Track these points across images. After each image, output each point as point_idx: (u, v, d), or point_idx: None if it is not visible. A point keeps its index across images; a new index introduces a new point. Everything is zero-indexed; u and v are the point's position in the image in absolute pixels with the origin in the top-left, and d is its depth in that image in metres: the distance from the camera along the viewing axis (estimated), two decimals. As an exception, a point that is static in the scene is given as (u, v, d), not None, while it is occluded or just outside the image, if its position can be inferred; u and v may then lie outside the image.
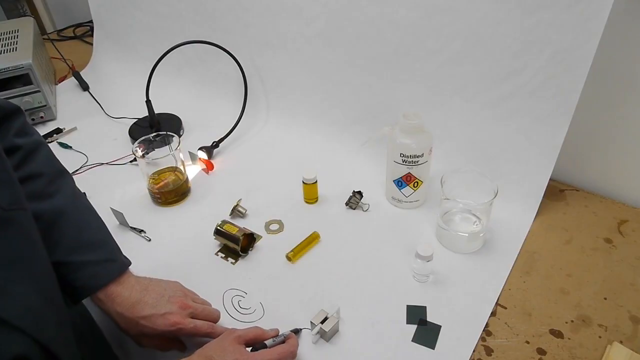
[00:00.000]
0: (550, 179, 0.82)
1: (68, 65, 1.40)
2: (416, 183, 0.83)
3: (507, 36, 0.76)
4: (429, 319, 0.68)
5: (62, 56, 1.42)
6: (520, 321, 0.68)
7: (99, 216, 0.69)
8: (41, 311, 0.50)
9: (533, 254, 0.78)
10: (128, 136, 1.09)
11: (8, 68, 1.08)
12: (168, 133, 0.92)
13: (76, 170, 1.01)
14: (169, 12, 1.18)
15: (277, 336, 0.64)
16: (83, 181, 0.97)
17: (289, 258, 0.78)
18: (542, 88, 0.76)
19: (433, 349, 0.65)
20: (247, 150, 1.05)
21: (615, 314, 0.69)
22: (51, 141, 1.10)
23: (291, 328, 0.67)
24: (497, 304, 0.71)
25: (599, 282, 0.73)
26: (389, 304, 0.71)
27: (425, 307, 0.70)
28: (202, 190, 0.95)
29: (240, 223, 0.83)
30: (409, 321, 0.69)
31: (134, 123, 1.12)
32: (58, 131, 1.12)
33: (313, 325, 0.66)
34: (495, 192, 0.73)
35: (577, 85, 0.73)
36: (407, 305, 0.70)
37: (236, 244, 0.78)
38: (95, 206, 0.71)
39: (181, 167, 0.92)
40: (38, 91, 1.12)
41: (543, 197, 0.83)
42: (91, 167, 1.02)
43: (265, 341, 0.62)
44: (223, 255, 0.80)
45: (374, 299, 0.72)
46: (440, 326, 0.68)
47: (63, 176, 0.68)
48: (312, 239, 0.81)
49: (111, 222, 0.86)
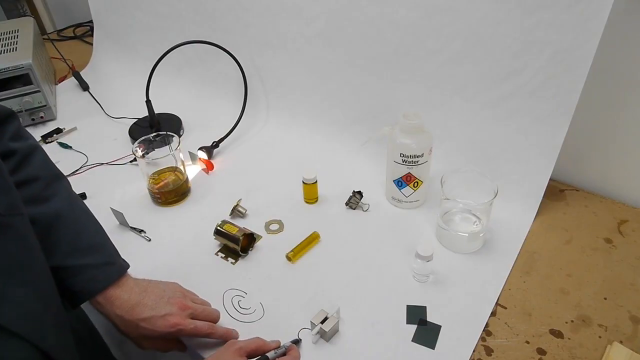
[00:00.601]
0: (550, 179, 0.82)
1: (68, 65, 1.40)
2: (416, 183, 0.83)
3: (507, 36, 0.76)
4: (429, 319, 0.68)
5: (62, 56, 1.42)
6: (520, 321, 0.68)
7: (96, 219, 0.68)
8: (40, 317, 0.49)
9: (533, 254, 0.78)
10: (128, 136, 1.09)
11: (8, 68, 1.08)
12: (168, 133, 0.92)
13: (76, 170, 1.01)
14: (169, 12, 1.19)
15: (279, 347, 0.63)
16: (83, 181, 0.97)
17: (289, 258, 0.78)
18: (542, 88, 0.76)
19: (433, 349, 0.65)
20: (247, 150, 1.05)
21: (615, 314, 0.69)
22: (51, 141, 1.10)
23: (291, 329, 0.67)
24: (497, 304, 0.71)
25: (599, 282, 0.73)
26: (389, 304, 0.71)
27: (425, 307, 0.70)
28: (202, 190, 0.95)
29: (240, 223, 0.83)
30: (409, 321, 0.69)
31: (134, 123, 1.13)
32: (58, 131, 1.13)
33: (313, 325, 0.66)
34: (495, 192, 0.73)
35: (577, 85, 0.73)
36: (407, 305, 0.70)
37: (236, 244, 0.78)
38: (95, 206, 0.71)
39: (181, 167, 0.92)
40: (38, 91, 1.12)
41: (543, 197, 0.83)
42: (91, 167, 1.02)
43: (267, 353, 0.61)
44: (223, 255, 0.80)
45: (374, 299, 0.72)
46: (440, 326, 0.68)
47: (59, 180, 0.67)
48: (312, 239, 0.81)
49: (111, 222, 0.86)
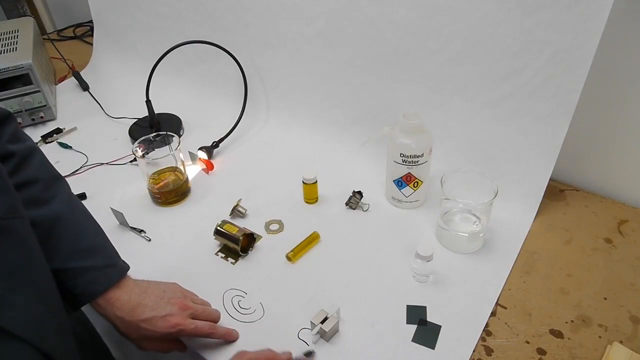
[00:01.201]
0: (550, 179, 0.82)
1: (68, 65, 1.40)
2: (416, 183, 0.83)
3: (507, 36, 0.76)
4: (429, 319, 0.68)
5: (62, 56, 1.42)
6: (520, 321, 0.68)
7: (96, 221, 0.68)
8: (43, 319, 0.49)
9: (533, 254, 0.78)
10: (128, 136, 1.09)
11: (8, 68, 1.08)
12: (168, 133, 0.92)
13: (76, 170, 1.01)
14: (169, 12, 1.19)
15: None
16: (83, 181, 0.97)
17: (289, 258, 0.78)
18: (542, 88, 0.76)
19: (433, 349, 0.65)
20: (247, 150, 1.05)
21: (615, 314, 0.69)
22: (51, 141, 1.10)
23: (291, 329, 0.67)
24: (497, 304, 0.71)
25: (599, 282, 0.73)
26: (389, 304, 0.71)
27: (425, 307, 0.70)
28: (202, 190, 0.95)
29: (240, 223, 0.83)
30: (409, 321, 0.69)
31: (134, 123, 1.13)
32: (58, 131, 1.13)
33: (313, 325, 0.66)
34: (495, 192, 0.73)
35: (577, 85, 0.73)
36: (407, 305, 0.70)
37: (236, 244, 0.78)
38: (95, 206, 0.71)
39: (181, 167, 0.92)
40: (38, 91, 1.12)
41: (543, 197, 0.83)
42: (91, 167, 1.02)
43: None
44: (223, 255, 0.80)
45: (374, 299, 0.72)
46: (440, 326, 0.68)
47: (58, 181, 0.67)
48: (312, 239, 0.81)
49: (111, 222, 0.86)
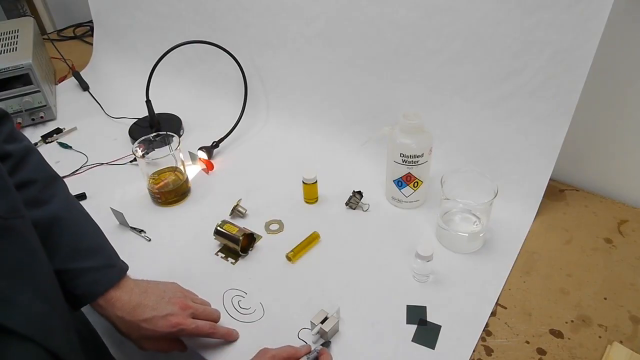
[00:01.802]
0: (550, 179, 0.82)
1: (68, 65, 1.40)
2: (416, 183, 0.83)
3: (507, 36, 0.76)
4: (429, 319, 0.68)
5: (62, 56, 1.42)
6: (520, 321, 0.68)
7: (94, 221, 0.68)
8: (47, 318, 0.49)
9: (533, 254, 0.78)
10: (128, 136, 1.09)
11: (8, 68, 1.08)
12: (168, 133, 0.92)
13: (76, 170, 1.01)
14: (169, 12, 1.19)
15: (310, 352, 0.62)
16: (83, 181, 0.97)
17: (289, 258, 0.78)
18: (542, 88, 0.76)
19: (433, 349, 0.65)
20: (247, 150, 1.05)
21: (615, 314, 0.69)
22: (51, 141, 1.10)
23: (291, 329, 0.67)
24: (497, 304, 0.71)
25: (599, 282, 0.73)
26: (389, 304, 0.71)
27: (425, 307, 0.70)
28: (202, 190, 0.95)
29: (240, 223, 0.83)
30: (409, 321, 0.69)
31: (134, 123, 1.13)
32: (58, 131, 1.13)
33: (313, 325, 0.66)
34: (495, 192, 0.73)
35: (577, 85, 0.73)
36: (407, 305, 0.70)
37: (236, 244, 0.78)
38: (95, 206, 0.71)
39: (181, 167, 0.92)
40: (38, 91, 1.12)
41: (543, 197, 0.83)
42: (91, 167, 1.02)
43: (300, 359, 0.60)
44: (223, 255, 0.80)
45: (374, 299, 0.72)
46: (440, 326, 0.68)
47: (56, 181, 0.66)
48: (312, 239, 0.81)
49: (111, 222, 0.86)
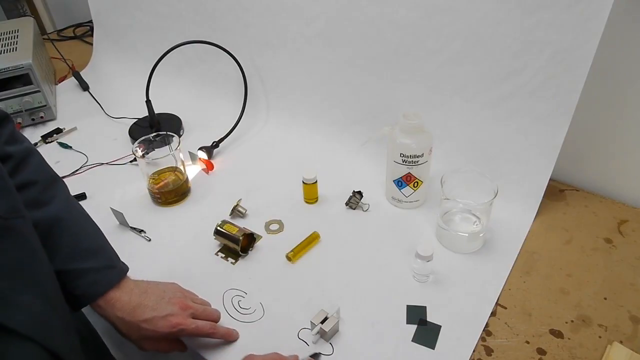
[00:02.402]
0: (550, 179, 0.82)
1: (68, 65, 1.40)
2: (416, 183, 0.83)
3: (507, 36, 0.76)
4: (429, 319, 0.68)
5: (62, 56, 1.42)
6: (520, 321, 0.68)
7: (94, 222, 0.68)
8: (48, 318, 0.49)
9: (533, 254, 0.78)
10: (128, 136, 1.09)
11: (8, 68, 1.08)
12: (168, 133, 0.92)
13: (76, 170, 1.01)
14: (169, 12, 1.19)
15: None
16: (83, 181, 0.97)
17: (289, 258, 0.78)
18: (542, 88, 0.76)
19: (433, 349, 0.65)
20: (247, 150, 1.05)
21: (615, 314, 0.69)
22: (51, 141, 1.10)
23: (291, 329, 0.67)
24: (497, 304, 0.71)
25: (599, 282, 0.73)
26: (389, 304, 0.71)
27: (425, 307, 0.70)
28: (202, 190, 0.95)
29: (240, 223, 0.83)
30: (409, 321, 0.69)
31: (134, 123, 1.13)
32: (58, 131, 1.12)
33: (313, 325, 0.66)
34: (495, 192, 0.73)
35: (577, 85, 0.73)
36: (407, 305, 0.70)
37: (236, 244, 0.78)
38: (95, 206, 0.71)
39: (181, 167, 0.92)
40: (38, 91, 1.12)
41: (543, 197, 0.83)
42: (91, 167, 1.02)
43: None
44: (223, 255, 0.80)
45: (374, 299, 0.72)
46: (440, 326, 0.68)
47: (56, 183, 0.67)
48: (312, 239, 0.81)
49: (111, 222, 0.86)
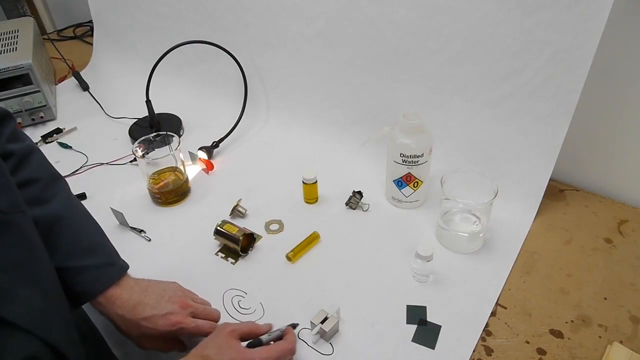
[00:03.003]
0: (550, 179, 0.82)
1: (68, 65, 1.40)
2: (416, 183, 0.83)
3: (507, 36, 0.76)
4: (429, 319, 0.68)
5: (62, 56, 1.42)
6: (520, 321, 0.68)
7: (94, 220, 0.69)
8: (48, 313, 0.50)
9: (533, 254, 0.78)
10: (128, 136, 1.09)
11: (8, 68, 1.08)
12: (168, 133, 0.92)
13: (76, 170, 1.01)
14: (169, 12, 1.18)
15: (273, 330, 0.63)
16: (83, 181, 0.97)
17: (289, 258, 0.78)
18: (542, 88, 0.76)
19: (433, 349, 0.65)
20: (247, 150, 1.05)
21: (615, 314, 0.69)
22: (51, 141, 1.10)
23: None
24: (497, 304, 0.71)
25: (599, 282, 0.73)
26: (389, 304, 0.71)
27: (425, 307, 0.70)
28: (202, 190, 0.95)
29: (240, 223, 0.83)
30: (409, 321, 0.69)
31: (134, 123, 1.13)
32: (58, 131, 1.12)
33: (313, 325, 0.66)
34: (495, 192, 0.73)
35: (577, 85, 0.73)
36: (407, 305, 0.71)
37: (236, 244, 0.78)
38: (95, 206, 0.71)
39: (181, 167, 0.92)
40: (38, 91, 1.12)
41: (543, 197, 0.83)
42: (91, 167, 1.02)
43: (260, 336, 0.62)
44: (223, 255, 0.80)
45: (374, 299, 0.72)
46: (440, 326, 0.68)
47: (58, 180, 0.67)
48: (312, 239, 0.81)
49: (111, 222, 0.86)
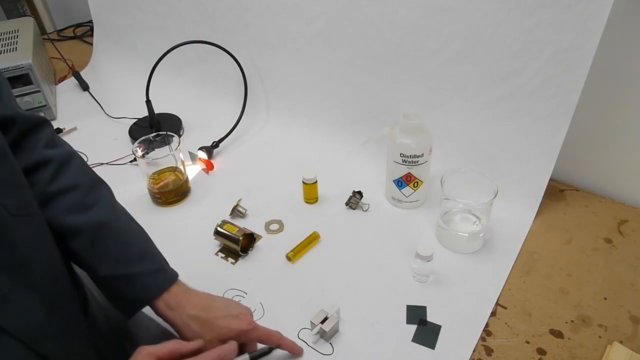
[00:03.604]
0: (550, 179, 0.82)
1: (68, 65, 1.40)
2: (416, 183, 0.83)
3: (507, 36, 0.76)
4: (429, 319, 0.68)
5: (62, 56, 1.42)
6: (520, 321, 0.68)
7: (140, 225, 0.66)
8: (42, 321, 0.49)
9: (533, 254, 0.78)
10: (128, 136, 1.09)
11: (8, 68, 1.08)
12: (168, 133, 0.92)
13: (76, 170, 1.01)
14: (169, 12, 1.19)
15: (260, 349, 0.60)
16: (83, 181, 0.97)
17: (289, 258, 0.78)
18: (542, 88, 0.76)
19: (433, 349, 0.65)
20: (247, 150, 1.05)
21: (615, 314, 0.69)
22: (51, 141, 1.10)
23: (291, 329, 0.67)
24: (497, 304, 0.71)
25: (599, 282, 0.73)
26: (389, 304, 0.71)
27: (425, 307, 0.70)
28: (202, 190, 0.95)
29: (240, 223, 0.83)
30: (409, 321, 0.69)
31: (134, 123, 1.13)
32: (58, 131, 1.12)
33: (313, 325, 0.66)
34: (495, 192, 0.73)
35: (577, 85, 0.73)
36: (407, 305, 0.70)
37: (236, 244, 0.78)
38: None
39: (181, 167, 0.92)
40: (38, 91, 1.12)
41: (543, 197, 0.83)
42: (91, 167, 1.01)
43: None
44: (223, 255, 0.80)
45: (374, 299, 0.72)
46: (440, 326, 0.68)
47: (100, 186, 0.66)
48: (312, 239, 0.81)
49: (111, 222, 0.86)
